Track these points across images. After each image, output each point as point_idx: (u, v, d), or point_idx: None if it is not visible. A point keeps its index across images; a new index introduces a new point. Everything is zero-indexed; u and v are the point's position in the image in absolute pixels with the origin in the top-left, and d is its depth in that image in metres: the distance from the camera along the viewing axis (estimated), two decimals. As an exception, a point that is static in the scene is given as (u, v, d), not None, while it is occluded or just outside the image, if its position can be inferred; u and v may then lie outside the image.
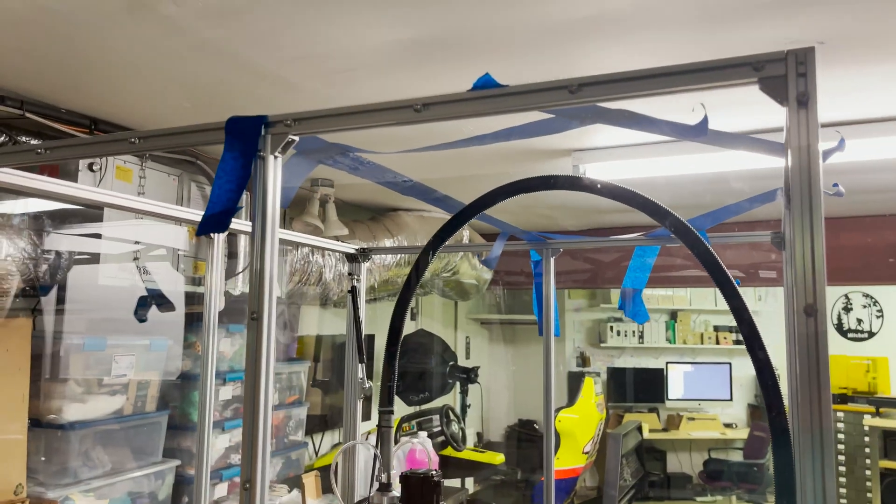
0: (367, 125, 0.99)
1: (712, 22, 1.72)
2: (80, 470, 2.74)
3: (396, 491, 1.26)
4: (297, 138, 1.04)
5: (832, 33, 1.77)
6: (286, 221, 3.43)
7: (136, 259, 2.65)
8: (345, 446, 4.28)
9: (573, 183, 1.17)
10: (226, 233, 1.62)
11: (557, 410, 4.78)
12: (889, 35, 1.78)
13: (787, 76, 0.76)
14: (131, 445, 3.10)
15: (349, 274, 2.13)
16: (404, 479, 1.25)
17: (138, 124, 2.57)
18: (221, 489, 3.45)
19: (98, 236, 2.55)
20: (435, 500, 1.21)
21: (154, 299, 2.28)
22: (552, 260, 1.93)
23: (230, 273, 2.97)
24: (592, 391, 4.81)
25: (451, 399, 5.61)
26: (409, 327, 6.30)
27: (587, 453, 4.49)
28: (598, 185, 1.09)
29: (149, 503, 3.16)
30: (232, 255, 2.85)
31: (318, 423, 4.61)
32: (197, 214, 1.64)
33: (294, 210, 3.44)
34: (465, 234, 4.35)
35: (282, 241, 2.57)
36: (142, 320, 2.30)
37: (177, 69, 2.03)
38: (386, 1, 1.59)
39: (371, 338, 5.65)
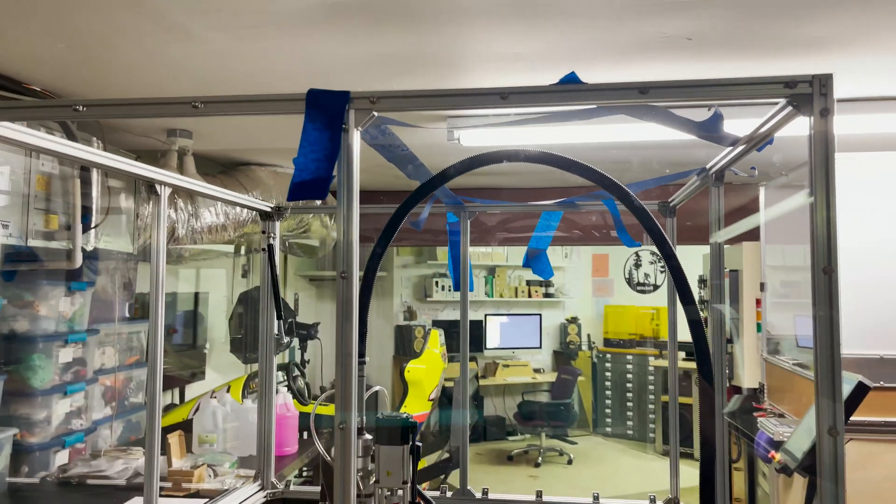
0: (450, 107, 1.06)
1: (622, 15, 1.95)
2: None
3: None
4: (376, 114, 1.08)
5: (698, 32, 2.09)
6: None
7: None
8: (197, 403, 4.16)
9: (533, 157, 1.32)
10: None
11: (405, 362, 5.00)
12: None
13: (813, 94, 0.99)
14: (-38, 415, 2.83)
15: (262, 232, 2.12)
16: (379, 422, 1.35)
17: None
18: (63, 456, 3.25)
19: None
20: (411, 438, 1.33)
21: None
22: (468, 222, 2.08)
23: (86, 227, 2.76)
24: (437, 342, 5.09)
25: (288, 356, 5.62)
26: (241, 285, 6.16)
27: (432, 400, 4.78)
28: (553, 157, 1.25)
29: (-15, 476, 2.91)
30: (113, 210, 2.66)
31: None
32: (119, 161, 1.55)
33: (148, 162, 3.24)
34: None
35: (192, 194, 2.49)
36: (7, 279, 2.07)
37: (66, 8, 1.86)
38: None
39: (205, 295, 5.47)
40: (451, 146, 3.26)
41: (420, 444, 1.44)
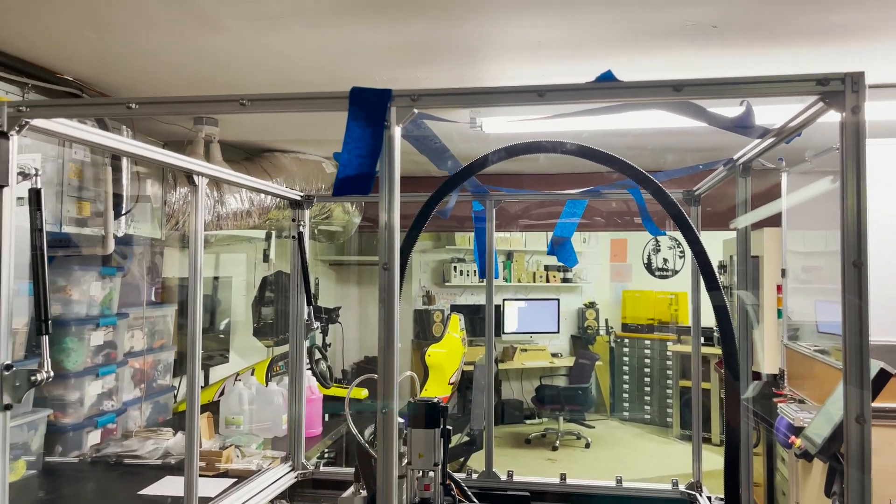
0: (488, 105, 1.09)
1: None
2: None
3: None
4: (416, 111, 1.12)
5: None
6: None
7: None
8: (222, 385, 4.24)
9: (572, 150, 1.35)
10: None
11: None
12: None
13: (846, 92, 1.01)
14: None
15: (293, 220, 2.17)
16: (411, 405, 1.40)
17: (25, 51, 2.36)
18: (95, 437, 3.33)
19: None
20: (442, 422, 1.38)
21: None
22: (493, 210, 2.12)
23: (118, 213, 2.83)
24: (458, 327, 5.14)
25: (310, 340, 5.69)
26: (263, 269, 6.23)
27: (452, 384, 4.84)
28: (594, 152, 1.28)
29: (22, 454, 3.00)
30: (142, 198, 2.72)
31: (181, 365, 4.51)
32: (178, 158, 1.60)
33: (176, 149, 3.30)
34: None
35: (221, 181, 2.54)
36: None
37: (102, 2, 1.90)
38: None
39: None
40: (473, 133, 3.28)
41: (450, 427, 1.48)
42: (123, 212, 2.88)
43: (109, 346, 3.45)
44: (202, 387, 4.83)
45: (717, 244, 5.97)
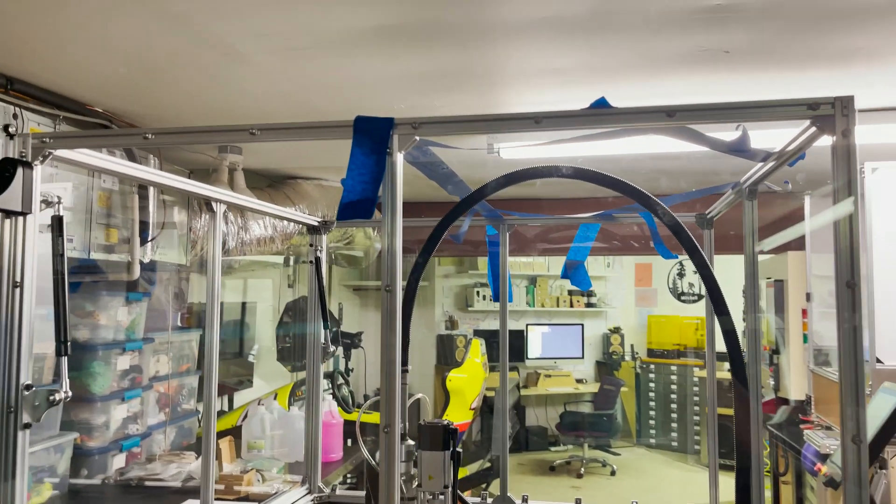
0: (488, 132, 1.13)
1: (646, 30, 1.99)
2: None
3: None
4: (418, 139, 1.16)
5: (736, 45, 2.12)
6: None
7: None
8: (245, 410, 4.29)
9: (568, 173, 1.38)
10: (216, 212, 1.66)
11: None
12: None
13: (836, 116, 1.03)
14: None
15: (310, 245, 2.21)
16: (422, 428, 1.42)
17: (58, 84, 2.46)
18: (119, 460, 3.39)
19: None
20: (452, 444, 1.40)
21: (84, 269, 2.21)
22: (507, 234, 2.15)
23: (143, 240, 2.91)
24: (479, 352, 5.14)
25: (333, 365, 5.73)
26: (287, 294, 6.30)
27: (474, 409, 4.83)
28: (604, 177, 1.31)
29: (48, 476, 3.06)
30: (168, 224, 2.80)
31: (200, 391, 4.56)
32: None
33: (201, 177, 3.39)
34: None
35: (242, 208, 2.59)
36: (72, 290, 2.20)
37: (127, 35, 1.99)
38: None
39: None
40: (491, 159, 3.32)
41: (461, 450, 1.49)
42: (149, 238, 2.95)
43: (135, 370, 3.52)
44: (226, 411, 4.88)
45: (738, 269, 5.91)
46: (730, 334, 1.34)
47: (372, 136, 1.19)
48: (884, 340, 3.17)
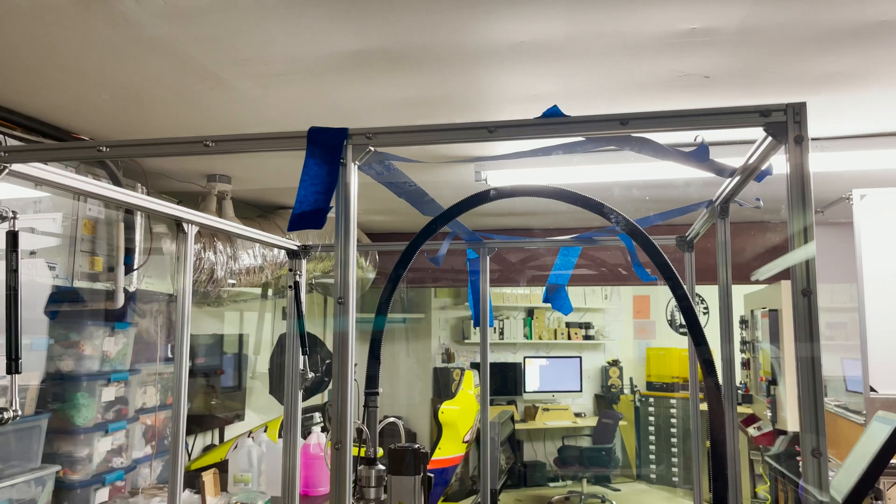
0: (439, 142, 1.13)
1: (630, 55, 2.00)
2: (-40, 478, 2.57)
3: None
4: (372, 149, 1.16)
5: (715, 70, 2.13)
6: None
7: (32, 253, 2.53)
8: (235, 443, 4.23)
9: (528, 191, 1.37)
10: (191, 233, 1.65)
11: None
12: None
13: (788, 122, 1.03)
14: (9, 451, 2.93)
15: (290, 269, 2.20)
16: (391, 452, 1.38)
17: (44, 111, 2.47)
18: (103, 494, 3.32)
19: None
20: (423, 469, 1.36)
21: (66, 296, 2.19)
22: (488, 258, 2.13)
23: (129, 268, 2.89)
24: (472, 383, 5.08)
25: (327, 397, 5.67)
26: (280, 326, 6.26)
27: (467, 442, 4.76)
28: (571, 195, 1.30)
29: (28, 511, 3.00)
30: (155, 251, 2.79)
31: (192, 424, 4.50)
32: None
33: (190, 206, 3.39)
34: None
35: (230, 236, 2.58)
36: (53, 318, 2.20)
37: (110, 62, 2.00)
38: (340, 13, 1.71)
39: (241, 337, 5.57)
40: (479, 186, 3.33)
41: (431, 474, 1.46)
42: (135, 267, 2.94)
43: (121, 401, 3.47)
44: (215, 445, 4.81)
45: (738, 299, 5.88)
46: (707, 364, 1.32)
47: (325, 147, 1.19)
48: (877, 369, 3.13)
